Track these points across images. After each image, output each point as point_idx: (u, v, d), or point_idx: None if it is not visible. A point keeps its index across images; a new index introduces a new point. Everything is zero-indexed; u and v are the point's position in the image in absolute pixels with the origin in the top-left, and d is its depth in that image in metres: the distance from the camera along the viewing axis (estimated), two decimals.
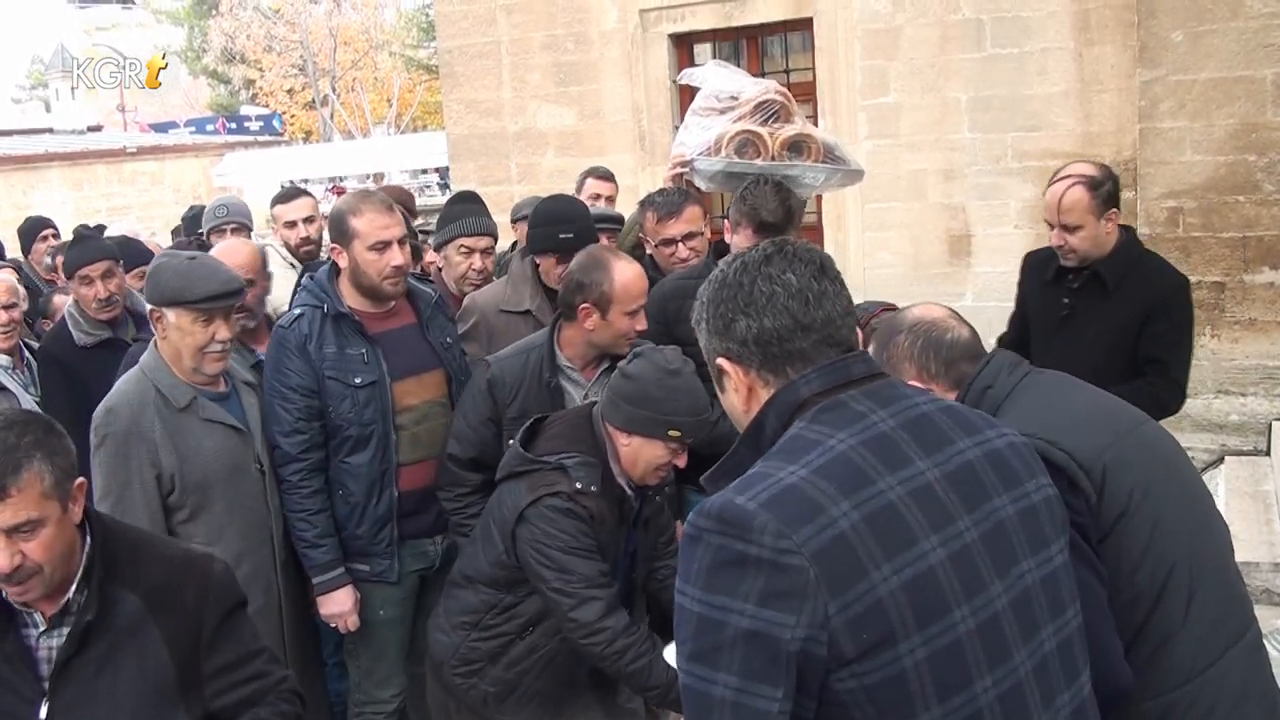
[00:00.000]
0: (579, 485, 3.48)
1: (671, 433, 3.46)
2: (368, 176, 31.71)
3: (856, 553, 1.76)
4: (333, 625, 4.26)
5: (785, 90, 4.74)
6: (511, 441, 3.83)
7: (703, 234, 5.05)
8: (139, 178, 29.27)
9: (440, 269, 5.38)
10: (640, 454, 3.53)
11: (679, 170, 4.72)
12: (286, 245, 6.15)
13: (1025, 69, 8.87)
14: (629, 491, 3.61)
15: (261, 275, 4.76)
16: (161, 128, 42.92)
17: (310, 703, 4.43)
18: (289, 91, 51.58)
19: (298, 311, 4.22)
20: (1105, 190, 4.46)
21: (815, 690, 1.76)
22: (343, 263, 4.22)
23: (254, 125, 43.44)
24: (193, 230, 7.20)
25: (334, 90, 50.11)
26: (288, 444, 4.13)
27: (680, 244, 4.95)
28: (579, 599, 3.43)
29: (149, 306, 3.99)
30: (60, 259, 6.22)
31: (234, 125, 42.76)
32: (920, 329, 2.78)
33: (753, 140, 4.55)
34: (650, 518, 3.78)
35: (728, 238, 4.48)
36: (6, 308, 5.24)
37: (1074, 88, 8.76)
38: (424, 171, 35.13)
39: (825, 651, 1.73)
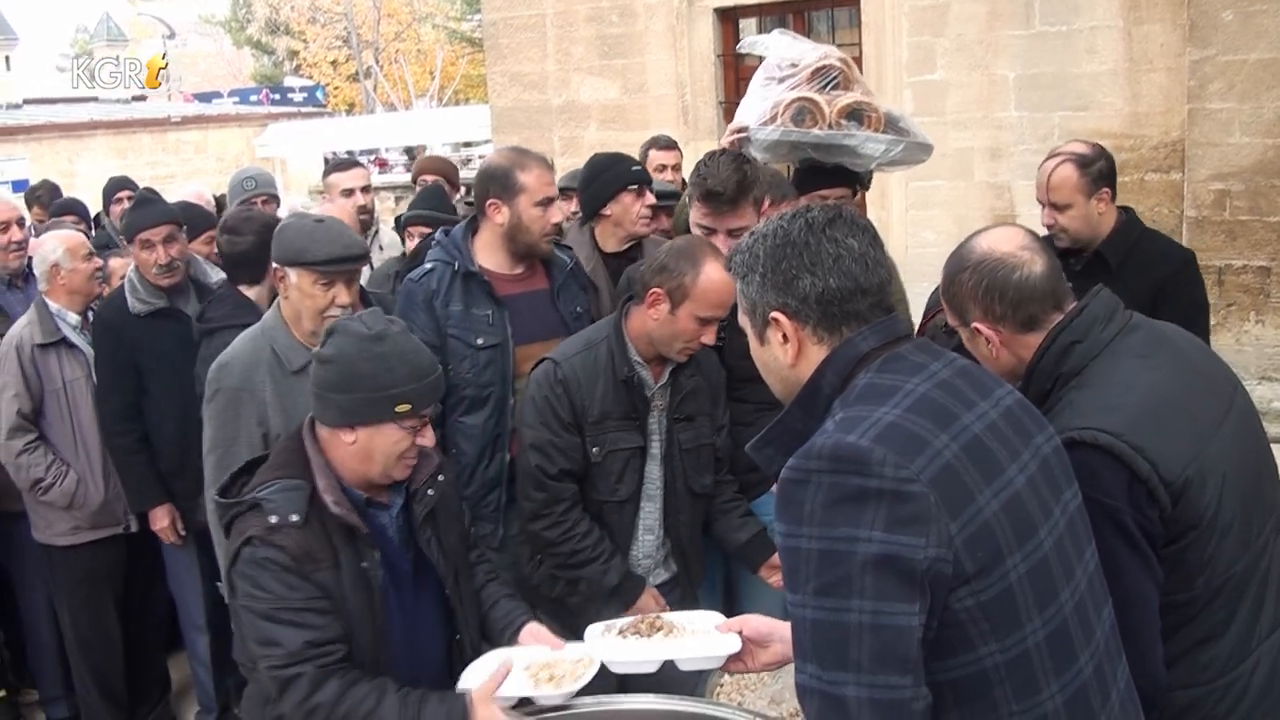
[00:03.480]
0: (274, 520, 2.82)
1: (400, 408, 2.87)
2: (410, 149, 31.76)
3: (963, 479, 1.90)
4: None
5: (846, 57, 4.56)
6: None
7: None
8: (183, 147, 29.45)
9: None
10: (374, 448, 2.91)
11: (736, 138, 4.53)
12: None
13: (1074, 47, 8.77)
14: (349, 511, 2.91)
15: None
16: (205, 98, 43.11)
17: None
18: (332, 63, 51.69)
19: (428, 266, 4.17)
20: (1096, 169, 4.33)
21: (938, 610, 1.86)
22: (500, 219, 4.13)
23: (297, 96, 43.57)
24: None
25: (377, 62, 50.17)
26: None
27: None
28: (280, 681, 2.78)
29: (273, 265, 3.94)
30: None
31: (278, 96, 42.90)
32: (986, 267, 2.62)
33: (809, 108, 4.38)
34: (436, 514, 3.15)
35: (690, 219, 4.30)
36: (95, 254, 5.25)
37: (1122, 66, 8.66)
38: (466, 145, 35.14)
39: (950, 570, 1.85)
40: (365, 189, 6.30)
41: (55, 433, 5.13)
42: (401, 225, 6.02)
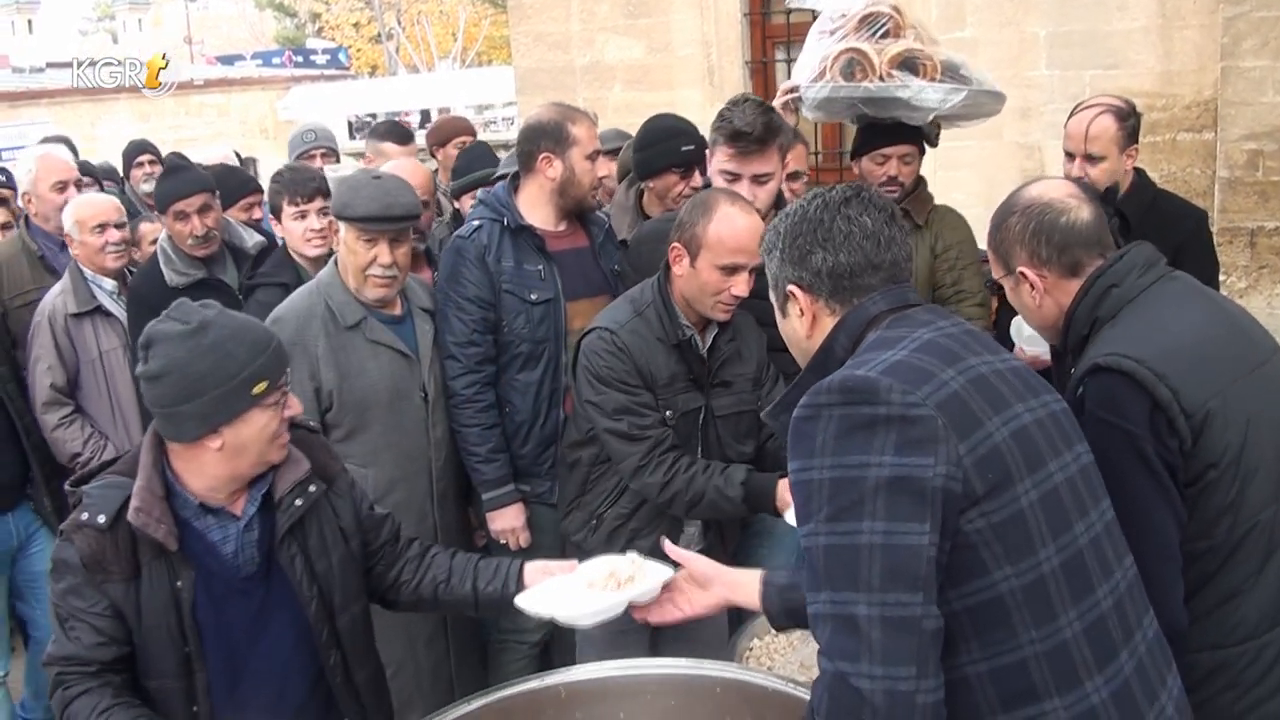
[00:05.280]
0: (84, 516, 2.61)
1: (257, 389, 2.60)
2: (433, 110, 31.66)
3: (970, 407, 1.98)
4: (503, 542, 4.22)
5: (897, 2, 4.34)
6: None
7: (804, 176, 4.64)
8: (206, 110, 29.49)
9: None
10: (244, 442, 2.64)
11: (788, 98, 4.38)
12: None
13: (1105, 3, 8.61)
14: (152, 523, 2.59)
15: (433, 199, 4.71)
16: (228, 60, 43.12)
17: (469, 640, 4.35)
18: (355, 25, 51.69)
19: (476, 223, 4.19)
20: (1131, 124, 4.31)
21: (951, 531, 1.92)
22: (552, 172, 4.16)
23: (320, 59, 43.60)
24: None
25: (399, 24, 50.05)
26: (463, 355, 4.10)
27: (785, 181, 4.39)
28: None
29: (331, 218, 3.93)
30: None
31: (300, 59, 42.89)
32: (1034, 210, 2.65)
33: (858, 59, 4.17)
34: (305, 528, 2.82)
35: (709, 168, 4.14)
36: (117, 225, 5.09)
37: (1155, 23, 8.51)
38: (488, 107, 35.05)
39: (961, 489, 1.91)
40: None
41: (93, 405, 5.04)
42: (459, 190, 5.65)
